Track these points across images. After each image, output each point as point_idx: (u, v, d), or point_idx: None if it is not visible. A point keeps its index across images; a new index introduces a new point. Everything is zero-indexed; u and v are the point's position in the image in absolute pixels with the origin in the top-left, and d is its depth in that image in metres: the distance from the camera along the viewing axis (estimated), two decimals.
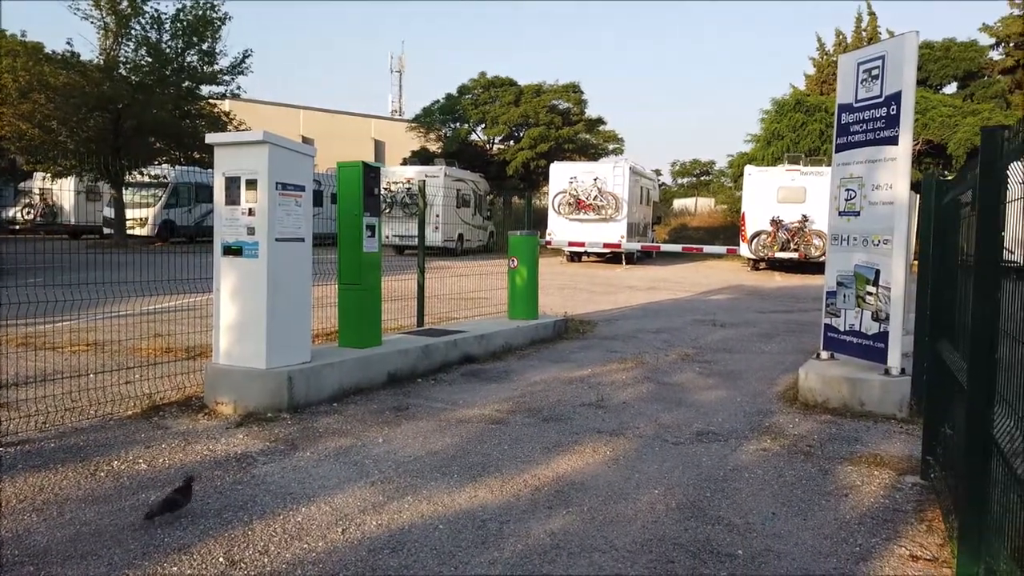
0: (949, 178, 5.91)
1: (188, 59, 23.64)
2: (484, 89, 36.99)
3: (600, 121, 38.64)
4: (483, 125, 37.35)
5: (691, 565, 3.25)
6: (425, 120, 38.53)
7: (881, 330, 5.92)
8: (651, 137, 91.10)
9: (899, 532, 3.65)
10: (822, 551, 3.43)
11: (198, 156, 23.90)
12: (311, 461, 4.46)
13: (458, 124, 37.82)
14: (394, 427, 5.21)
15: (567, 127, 36.13)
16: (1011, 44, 30.99)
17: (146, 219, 24.85)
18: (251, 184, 5.45)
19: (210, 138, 5.86)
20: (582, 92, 37.28)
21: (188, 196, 25.69)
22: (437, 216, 23.47)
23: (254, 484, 4.05)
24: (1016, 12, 30.91)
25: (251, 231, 5.46)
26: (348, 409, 5.65)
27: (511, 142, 37.30)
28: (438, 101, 38.04)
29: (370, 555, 3.27)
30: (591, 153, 36.90)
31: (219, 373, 5.54)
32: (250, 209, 5.46)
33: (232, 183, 5.53)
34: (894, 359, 5.84)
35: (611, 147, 38.92)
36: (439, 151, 36.67)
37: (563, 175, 23.60)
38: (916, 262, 6.55)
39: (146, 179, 24.44)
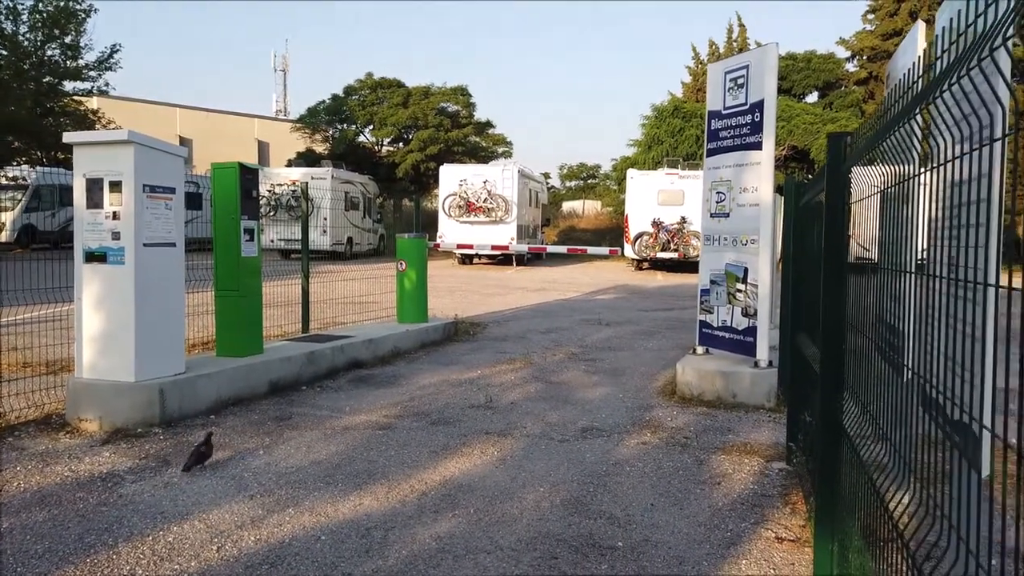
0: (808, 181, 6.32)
1: (49, 53, 22.10)
2: (371, 90, 36.45)
3: (489, 124, 38.98)
4: (371, 127, 36.83)
5: (574, 560, 3.32)
6: (310, 121, 37.57)
7: (750, 325, 6.26)
8: (539, 141, 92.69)
9: (766, 516, 3.87)
10: (696, 538, 3.59)
11: (62, 156, 22.38)
12: (185, 477, 4.25)
13: (345, 125, 37.11)
14: (276, 438, 5.05)
15: (456, 130, 36.17)
16: (864, 57, 33.56)
17: (3, 224, 23.00)
18: (115, 186, 5.15)
19: (68, 137, 5.48)
20: (470, 95, 37.48)
21: (51, 199, 23.91)
22: (325, 219, 22.98)
23: (121, 504, 3.82)
24: (868, 28, 33.52)
25: (116, 236, 5.15)
26: (227, 421, 5.43)
27: (400, 144, 36.97)
28: (324, 101, 37.22)
29: (247, 571, 3.16)
30: (481, 156, 37.07)
31: (83, 388, 5.20)
32: (114, 213, 5.15)
33: (94, 185, 5.20)
34: (762, 352, 6.18)
35: (500, 150, 39.29)
36: (326, 152, 35.86)
37: (453, 177, 23.65)
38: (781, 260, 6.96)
39: (3, 181, 22.62)
